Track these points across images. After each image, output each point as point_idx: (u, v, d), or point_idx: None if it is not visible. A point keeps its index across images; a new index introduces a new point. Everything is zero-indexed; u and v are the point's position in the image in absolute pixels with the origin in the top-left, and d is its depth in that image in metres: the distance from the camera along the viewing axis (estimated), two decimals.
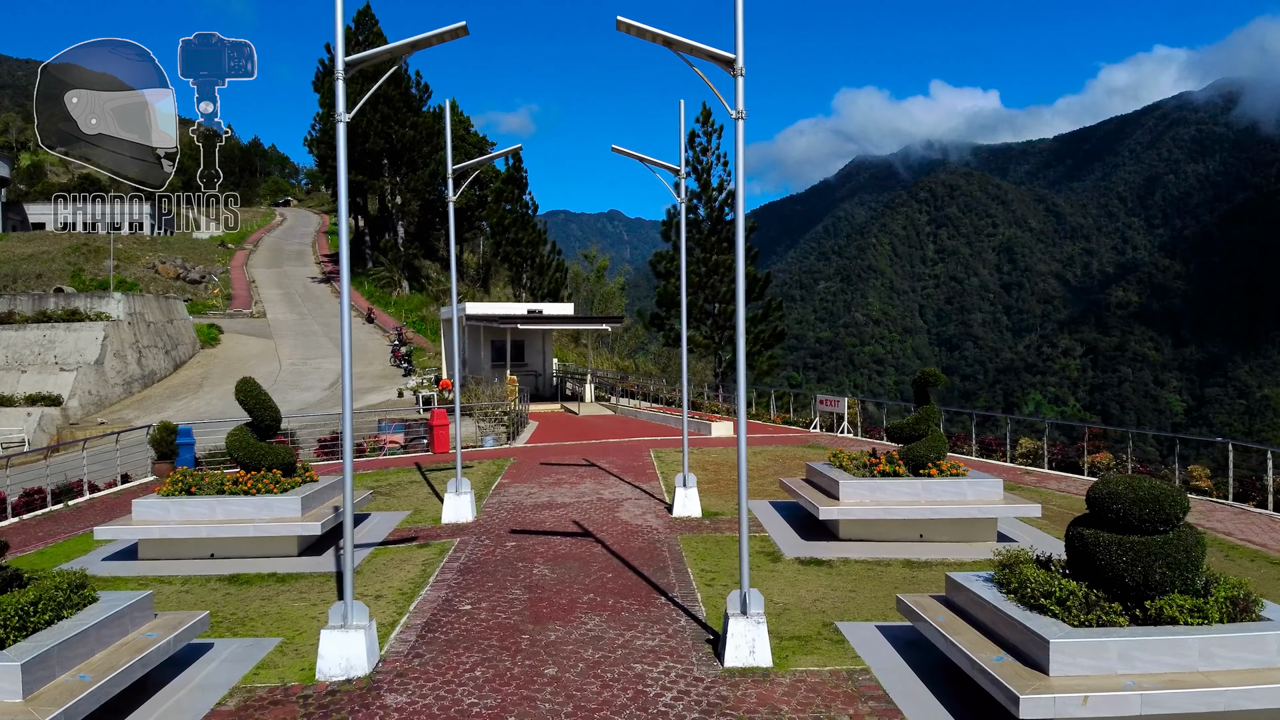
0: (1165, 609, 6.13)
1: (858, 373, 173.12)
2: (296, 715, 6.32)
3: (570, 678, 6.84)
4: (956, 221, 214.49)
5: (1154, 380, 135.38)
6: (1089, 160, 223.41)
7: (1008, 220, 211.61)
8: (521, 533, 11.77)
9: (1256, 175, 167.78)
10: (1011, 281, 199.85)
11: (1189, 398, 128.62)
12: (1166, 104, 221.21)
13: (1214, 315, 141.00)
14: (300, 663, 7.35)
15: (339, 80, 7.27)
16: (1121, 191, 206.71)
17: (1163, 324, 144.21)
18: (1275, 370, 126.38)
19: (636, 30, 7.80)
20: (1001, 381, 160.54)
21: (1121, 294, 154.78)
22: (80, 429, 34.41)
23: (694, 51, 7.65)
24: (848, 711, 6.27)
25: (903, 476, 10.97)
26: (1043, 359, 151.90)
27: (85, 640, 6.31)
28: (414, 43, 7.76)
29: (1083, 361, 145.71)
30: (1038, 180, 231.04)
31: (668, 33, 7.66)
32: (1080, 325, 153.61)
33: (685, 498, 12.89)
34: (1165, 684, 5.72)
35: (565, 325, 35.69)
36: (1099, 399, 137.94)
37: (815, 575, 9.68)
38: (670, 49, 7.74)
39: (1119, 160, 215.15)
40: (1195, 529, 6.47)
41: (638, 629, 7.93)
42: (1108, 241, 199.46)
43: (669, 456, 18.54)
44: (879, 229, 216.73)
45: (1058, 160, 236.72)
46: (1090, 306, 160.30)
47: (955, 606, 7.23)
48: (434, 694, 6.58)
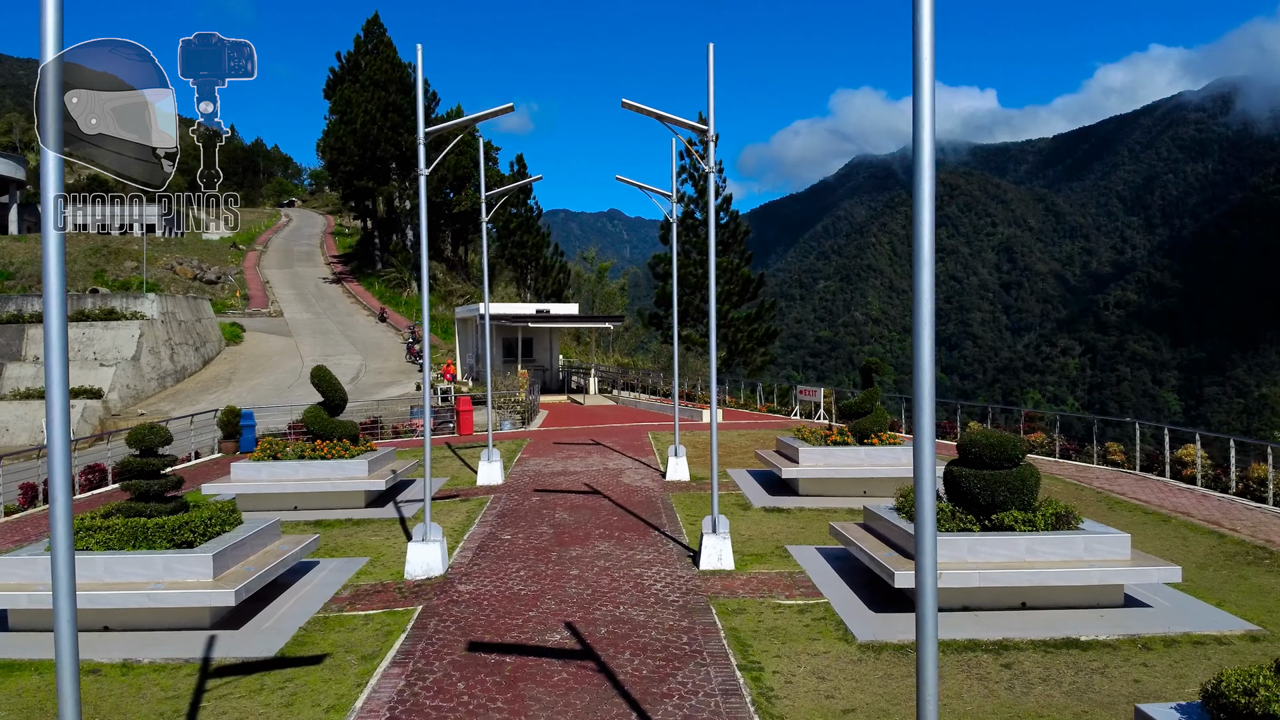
0: (1005, 520, 8.77)
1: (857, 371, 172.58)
2: (396, 597, 9.00)
3: (589, 576, 9.51)
4: (956, 221, 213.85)
5: (1152, 379, 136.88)
6: (1088, 160, 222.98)
7: (1007, 220, 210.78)
8: (543, 491, 14.45)
9: (1255, 175, 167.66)
10: (1011, 281, 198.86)
11: (1187, 397, 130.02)
12: (1165, 104, 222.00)
13: (1212, 314, 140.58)
14: (388, 572, 10.01)
15: (420, 145, 9.80)
16: (1121, 191, 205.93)
17: (1161, 323, 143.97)
18: (1273, 369, 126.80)
19: (638, 109, 10.77)
20: (1000, 380, 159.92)
21: (1120, 293, 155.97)
22: (122, 420, 37.11)
23: (679, 124, 10.62)
24: (784, 593, 8.93)
25: (850, 445, 13.61)
26: (1042, 358, 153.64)
27: (244, 545, 8.96)
28: (476, 118, 10.78)
29: (1081, 361, 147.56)
30: (1037, 180, 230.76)
31: (660, 111, 10.68)
32: (1079, 324, 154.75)
33: (676, 465, 15.56)
34: (997, 567, 8.36)
35: (570, 324, 38.33)
36: (1098, 398, 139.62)
37: (776, 519, 12.34)
38: (662, 123, 10.76)
39: (1118, 160, 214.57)
40: (1033, 467, 9.12)
41: (637, 550, 10.60)
42: (1107, 241, 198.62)
43: (664, 437, 21.19)
44: (878, 228, 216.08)
45: (1057, 160, 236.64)
46: (1089, 306, 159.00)
47: (870, 529, 9.87)
48: (491, 583, 9.26)
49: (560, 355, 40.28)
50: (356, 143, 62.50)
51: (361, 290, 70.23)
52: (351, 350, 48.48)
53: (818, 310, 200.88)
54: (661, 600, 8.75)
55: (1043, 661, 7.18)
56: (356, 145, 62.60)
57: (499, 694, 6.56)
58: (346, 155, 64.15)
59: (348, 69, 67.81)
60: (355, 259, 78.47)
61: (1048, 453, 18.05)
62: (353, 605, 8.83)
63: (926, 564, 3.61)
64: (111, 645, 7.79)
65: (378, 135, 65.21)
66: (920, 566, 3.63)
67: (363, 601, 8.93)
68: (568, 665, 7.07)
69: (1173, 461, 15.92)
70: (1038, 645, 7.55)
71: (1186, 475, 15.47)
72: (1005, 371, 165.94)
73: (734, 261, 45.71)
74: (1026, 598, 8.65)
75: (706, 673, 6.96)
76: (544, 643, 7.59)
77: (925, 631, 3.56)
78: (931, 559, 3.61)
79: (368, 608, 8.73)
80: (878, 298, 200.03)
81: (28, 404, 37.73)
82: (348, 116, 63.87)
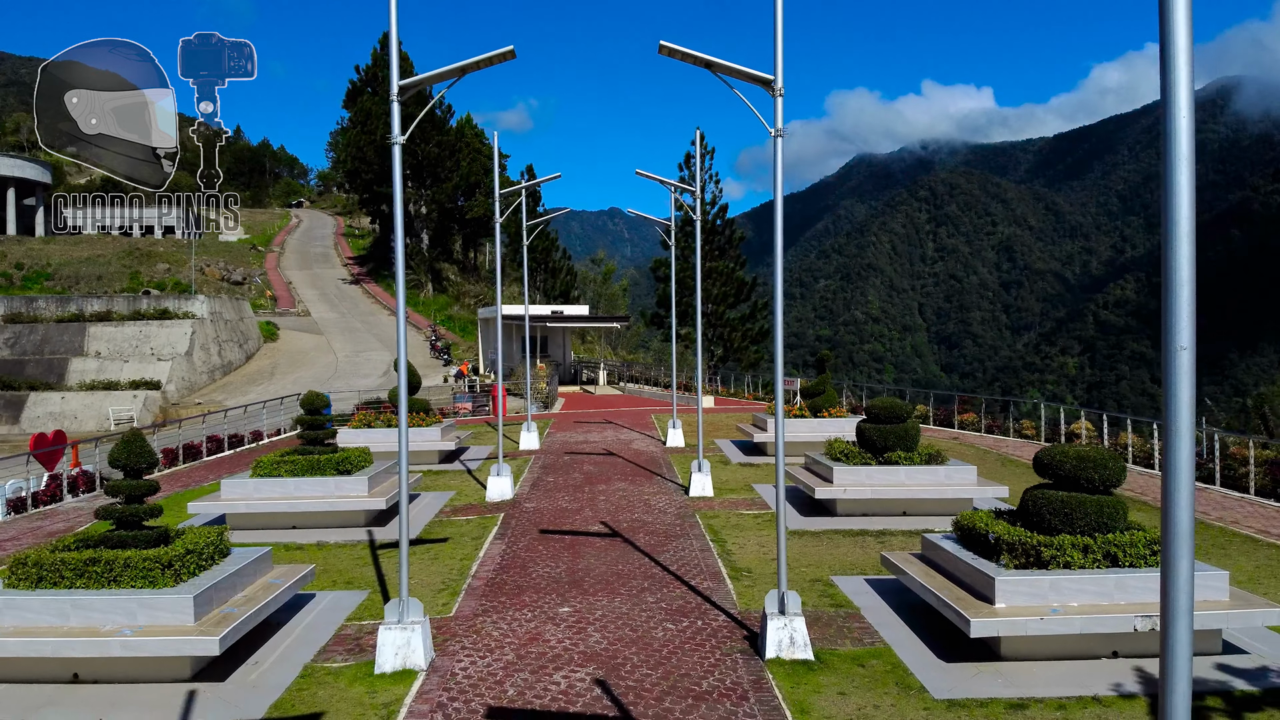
0: (892, 457, 13.04)
1: (857, 370, 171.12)
2: (484, 511, 13.33)
3: (613, 499, 13.86)
4: (956, 220, 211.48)
5: (1151, 378, 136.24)
6: (1088, 159, 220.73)
7: (1007, 219, 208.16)
8: (572, 453, 18.81)
9: (1254, 175, 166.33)
10: (1010, 280, 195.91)
11: None
12: None
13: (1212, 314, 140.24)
14: (471, 497, 14.35)
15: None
16: (1121, 190, 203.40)
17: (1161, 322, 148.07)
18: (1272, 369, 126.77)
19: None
20: (1000, 379, 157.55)
21: (1120, 292, 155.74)
22: (181, 409, 41.47)
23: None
24: (745, 508, 13.26)
25: (806, 418, 17.89)
26: (1041, 357, 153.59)
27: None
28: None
29: (1080, 360, 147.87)
30: (1037, 179, 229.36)
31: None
32: (1079, 323, 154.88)
33: (673, 435, 19.92)
34: (883, 485, 12.64)
35: (581, 324, 42.68)
36: (1097, 396, 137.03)
37: (747, 470, 16.71)
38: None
39: (1118, 159, 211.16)
40: (916, 422, 13.39)
41: (645, 487, 14.94)
42: (1107, 240, 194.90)
43: (665, 419, 25.50)
44: (879, 227, 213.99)
45: (1057, 159, 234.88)
46: (1089, 305, 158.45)
47: (810, 469, 14.14)
48: (546, 502, 13.62)
49: (572, 352, 44.68)
50: (376, 152, 66.69)
51: (380, 291, 74.55)
52: (379, 346, 52.87)
53: (818, 309, 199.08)
54: (663, 511, 13.06)
55: (904, 540, 11.44)
56: (376, 155, 66.77)
57: (563, 551, 10.89)
58: (367, 164, 68.37)
59: (366, 81, 71.94)
60: (371, 260, 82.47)
61: (974, 428, 22.33)
62: (454, 514, 13.16)
63: (779, 432, 7.88)
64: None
65: None
66: (777, 431, 7.89)
67: (461, 513, 13.28)
68: (603, 539, 11.39)
69: (1067, 434, 20.17)
70: (905, 533, 11.82)
71: (1077, 443, 19.71)
72: (1005, 370, 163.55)
73: (729, 266, 49.83)
74: (906, 508, 12.93)
75: (691, 544, 11.27)
76: (586, 530, 11.91)
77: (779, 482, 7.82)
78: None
79: (466, 515, 13.07)
80: (878, 296, 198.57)
81: (92, 394, 42.15)
82: (368, 127, 68.02)
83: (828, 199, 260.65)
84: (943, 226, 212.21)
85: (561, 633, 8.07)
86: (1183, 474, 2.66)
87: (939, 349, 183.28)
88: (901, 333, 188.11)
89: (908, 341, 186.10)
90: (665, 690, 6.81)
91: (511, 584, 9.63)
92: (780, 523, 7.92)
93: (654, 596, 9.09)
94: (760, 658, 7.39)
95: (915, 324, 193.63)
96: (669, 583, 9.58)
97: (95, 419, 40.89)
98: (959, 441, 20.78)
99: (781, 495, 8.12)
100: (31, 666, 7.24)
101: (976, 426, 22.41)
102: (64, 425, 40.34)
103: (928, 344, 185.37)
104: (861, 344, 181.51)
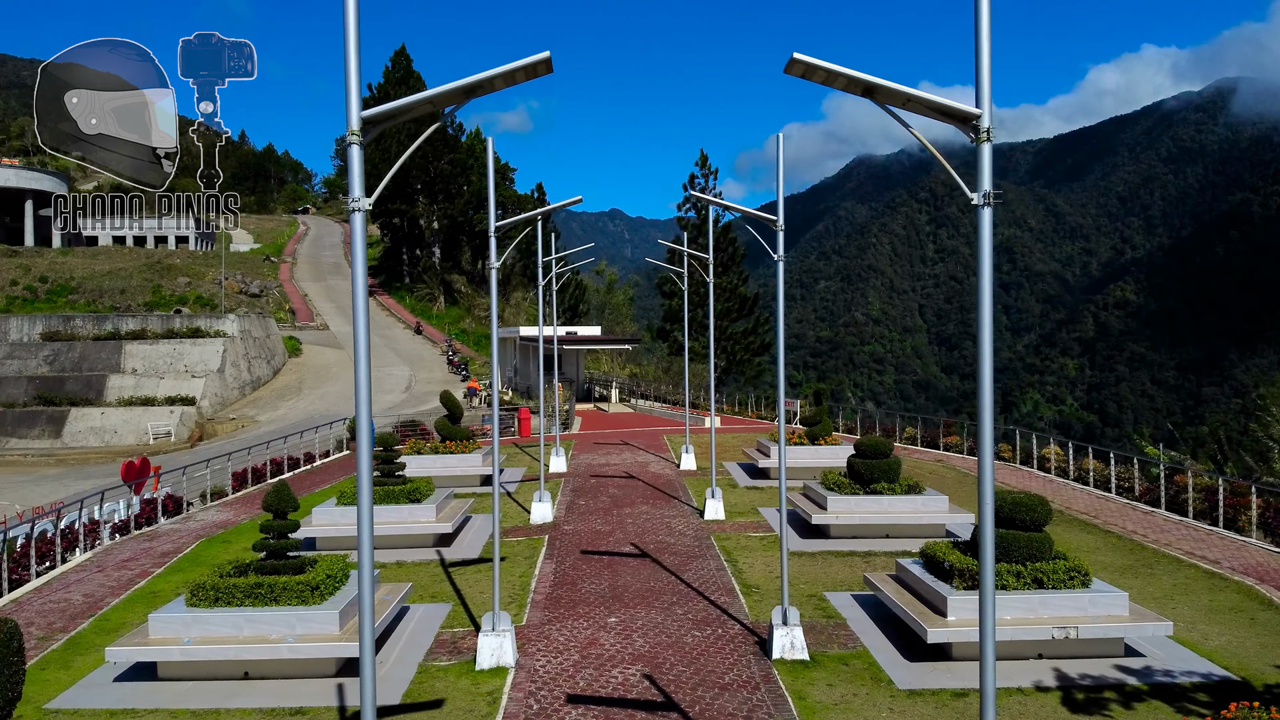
0: (877, 488, 15.38)
1: (857, 371, 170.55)
2: (530, 533, 15.71)
3: (638, 522, 16.24)
4: (956, 221, 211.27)
5: (1151, 380, 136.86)
6: (1088, 161, 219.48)
7: (1007, 220, 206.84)
8: (597, 476, 21.19)
9: (1253, 176, 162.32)
10: (1010, 281, 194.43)
11: (1186, 397, 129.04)
12: (1165, 104, 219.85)
13: (1211, 315, 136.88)
14: (515, 519, 16.74)
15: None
16: (1120, 192, 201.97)
17: (1160, 324, 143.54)
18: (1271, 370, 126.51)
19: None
20: (1000, 381, 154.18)
21: (1119, 294, 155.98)
22: (216, 424, 43.89)
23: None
24: (752, 531, 15.62)
25: (805, 445, 20.24)
26: (1041, 358, 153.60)
27: None
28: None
29: (1080, 361, 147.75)
30: (1037, 180, 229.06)
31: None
32: (1078, 325, 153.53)
33: (687, 460, 22.29)
34: (869, 513, 14.97)
35: (594, 345, 45.07)
36: (1096, 398, 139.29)
37: (753, 493, 19.09)
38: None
39: (1118, 160, 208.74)
40: (898, 457, 15.72)
41: (665, 510, 17.31)
42: (1107, 241, 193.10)
43: (676, 440, 27.88)
44: (879, 228, 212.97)
45: (1057, 160, 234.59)
46: (1089, 306, 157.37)
47: (807, 496, 16.46)
48: (583, 525, 16.00)
49: (584, 369, 47.08)
50: (387, 165, 69.19)
51: (394, 304, 76.95)
52: (399, 361, 55.26)
53: (818, 310, 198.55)
54: (682, 534, 15.42)
55: (885, 561, 13.77)
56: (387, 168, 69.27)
57: (604, 570, 13.25)
58: (377, 177, 70.92)
59: (377, 100, 74.45)
60: (382, 271, 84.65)
61: (958, 450, 24.67)
62: (505, 536, 15.53)
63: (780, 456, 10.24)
64: None
65: (408, 163, 72.01)
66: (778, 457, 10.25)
67: (510, 534, 15.66)
68: (635, 559, 13.76)
69: (1039, 457, 22.50)
70: (886, 554, 14.15)
71: (1046, 466, 22.04)
72: (1005, 372, 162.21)
73: (732, 281, 52.21)
74: (889, 531, 15.27)
75: (708, 563, 13.63)
76: (620, 550, 14.27)
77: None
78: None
79: (515, 536, 15.46)
80: (878, 298, 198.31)
81: (131, 410, 44.51)
82: (382, 145, 70.44)
83: (827, 200, 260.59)
84: (943, 228, 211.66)
85: (613, 638, 10.42)
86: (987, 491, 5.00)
87: (939, 350, 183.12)
88: (902, 334, 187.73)
89: (908, 343, 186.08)
90: (697, 683, 9.17)
91: (566, 598, 11.99)
92: (783, 548, 10.30)
93: (682, 609, 11.45)
94: (768, 658, 9.74)
95: (915, 325, 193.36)
96: (693, 598, 11.94)
97: (135, 434, 43.15)
98: (942, 464, 23.12)
99: (784, 525, 10.47)
100: (214, 668, 9.48)
101: (960, 448, 24.73)
102: (104, 440, 42.76)
103: (928, 345, 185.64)
104: (862, 345, 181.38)
